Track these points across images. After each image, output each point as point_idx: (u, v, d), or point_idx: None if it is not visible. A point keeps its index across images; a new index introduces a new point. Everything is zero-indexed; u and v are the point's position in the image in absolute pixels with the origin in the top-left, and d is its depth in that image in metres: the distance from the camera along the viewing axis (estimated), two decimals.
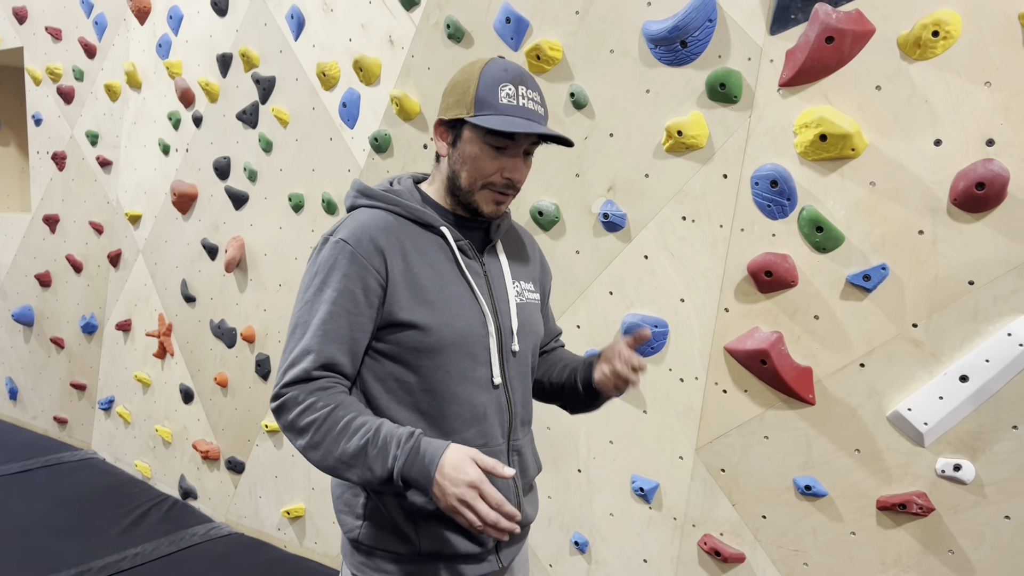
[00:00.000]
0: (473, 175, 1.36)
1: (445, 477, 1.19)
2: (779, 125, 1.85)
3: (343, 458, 1.25)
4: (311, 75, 2.88)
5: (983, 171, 1.59)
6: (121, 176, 3.92)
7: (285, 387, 1.30)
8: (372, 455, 1.23)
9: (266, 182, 3.16)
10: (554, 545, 2.48)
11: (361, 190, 1.45)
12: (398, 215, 1.40)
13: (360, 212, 1.40)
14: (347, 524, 1.43)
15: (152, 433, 3.95)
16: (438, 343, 1.34)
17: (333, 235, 1.36)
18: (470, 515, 1.18)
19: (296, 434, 1.29)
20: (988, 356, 1.66)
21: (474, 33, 2.37)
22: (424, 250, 1.38)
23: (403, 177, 1.50)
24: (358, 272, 1.31)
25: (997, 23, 1.56)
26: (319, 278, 1.33)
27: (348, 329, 1.31)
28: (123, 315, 4.03)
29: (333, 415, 1.27)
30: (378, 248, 1.33)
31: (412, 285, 1.34)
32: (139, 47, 3.68)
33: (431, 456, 1.21)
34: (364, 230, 1.34)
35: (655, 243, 2.09)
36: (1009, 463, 1.68)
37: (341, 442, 1.25)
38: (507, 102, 1.34)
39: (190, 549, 3.23)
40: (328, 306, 1.31)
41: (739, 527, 2.08)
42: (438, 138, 1.40)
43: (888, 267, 1.75)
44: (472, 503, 1.17)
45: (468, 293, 1.39)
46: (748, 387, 2.00)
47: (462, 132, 1.35)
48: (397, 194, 1.42)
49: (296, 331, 1.33)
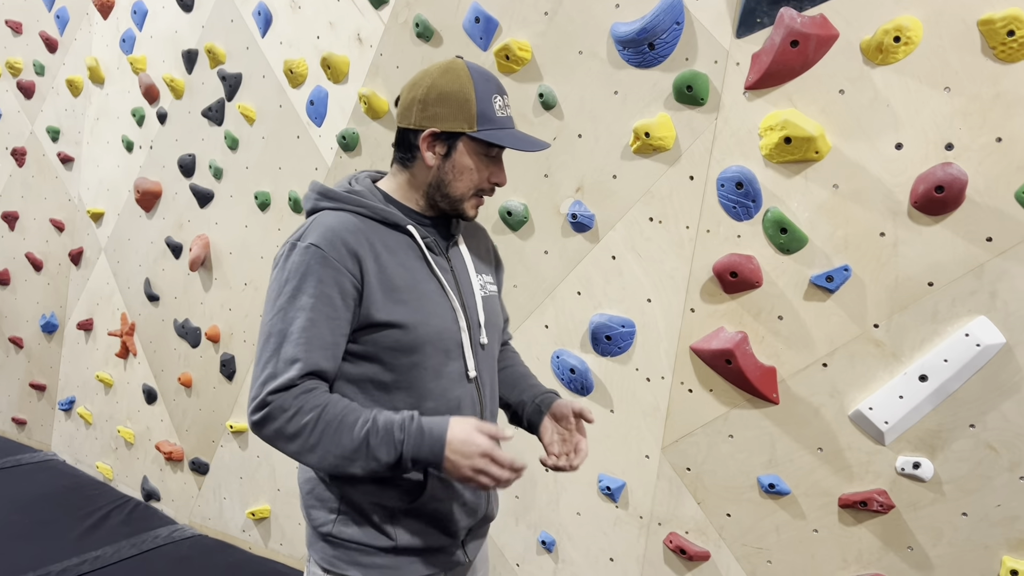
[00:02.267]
0: (469, 184, 1.40)
1: (455, 452, 1.24)
2: (745, 128, 1.87)
3: (345, 453, 1.26)
4: (278, 72, 2.86)
5: (942, 174, 1.63)
6: (83, 173, 3.86)
7: (270, 395, 1.28)
8: (375, 444, 1.25)
9: (232, 180, 3.12)
10: (521, 544, 2.48)
11: (322, 192, 1.43)
12: (363, 216, 1.39)
13: (324, 215, 1.38)
14: (319, 518, 1.43)
15: (114, 434, 3.89)
16: (415, 341, 1.35)
17: (301, 240, 1.34)
18: (486, 480, 1.25)
19: (287, 440, 1.29)
20: (947, 356, 1.69)
21: (443, 32, 2.36)
22: (394, 249, 1.38)
23: (360, 176, 1.50)
24: (333, 276, 1.31)
25: (956, 29, 1.60)
26: (291, 285, 1.31)
27: (330, 335, 1.31)
28: (84, 314, 3.96)
29: (326, 414, 1.27)
30: (350, 251, 1.32)
31: (386, 285, 1.34)
32: (102, 42, 3.62)
33: (438, 434, 1.25)
34: (334, 233, 1.33)
35: (623, 244, 2.11)
36: (966, 461, 1.72)
37: (340, 438, 1.27)
38: (501, 115, 1.40)
39: (153, 551, 3.18)
40: (307, 313, 1.29)
41: (704, 525, 2.10)
42: (427, 148, 1.38)
43: (850, 268, 1.78)
44: (487, 469, 1.24)
45: (439, 290, 1.41)
46: (713, 386, 2.02)
47: (457, 144, 1.37)
48: (359, 195, 1.42)
49: (271, 340, 1.31)
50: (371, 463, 1.26)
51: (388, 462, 1.26)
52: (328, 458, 1.27)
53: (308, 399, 1.28)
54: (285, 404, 1.27)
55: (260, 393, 1.29)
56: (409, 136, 1.41)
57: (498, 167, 1.44)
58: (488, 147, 1.40)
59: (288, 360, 1.29)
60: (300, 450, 1.29)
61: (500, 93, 1.41)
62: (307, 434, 1.27)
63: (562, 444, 1.55)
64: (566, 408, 1.54)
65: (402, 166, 1.44)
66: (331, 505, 1.42)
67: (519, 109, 2.22)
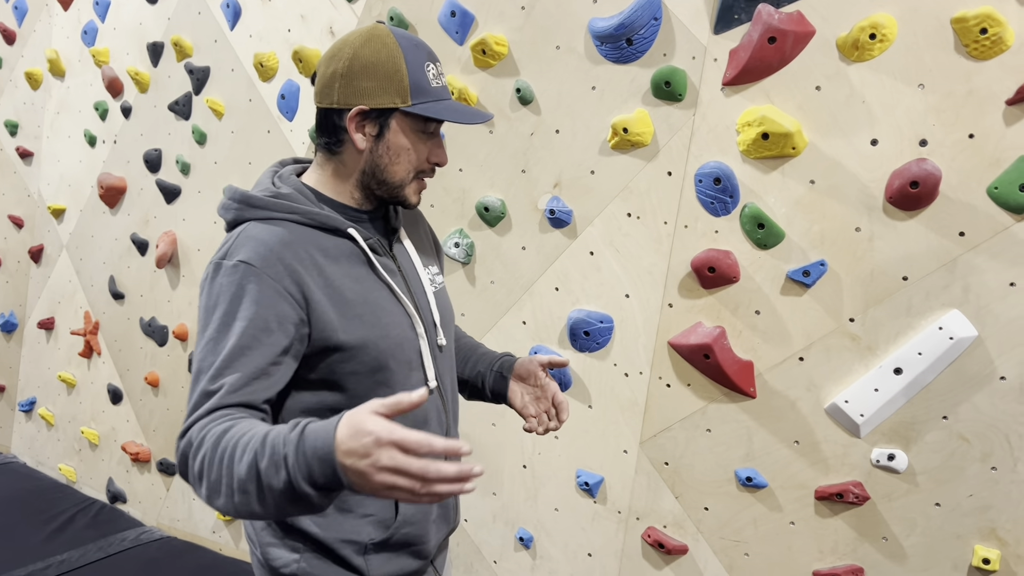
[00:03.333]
0: (408, 167, 1.26)
1: (350, 454, 0.89)
2: (722, 123, 1.88)
3: (241, 486, 0.97)
4: (248, 66, 2.81)
5: (917, 170, 1.65)
6: (43, 168, 3.76)
7: (181, 438, 1.07)
8: (265, 469, 0.95)
9: (200, 175, 3.07)
10: (498, 541, 2.48)
11: (245, 199, 1.24)
12: (297, 223, 1.22)
13: (251, 227, 1.20)
14: (280, 558, 1.28)
15: (77, 435, 3.80)
16: (379, 358, 1.23)
17: (227, 258, 1.16)
18: (404, 482, 0.87)
19: (197, 482, 1.04)
20: (921, 349, 1.72)
21: (418, 26, 2.34)
22: (336, 258, 1.23)
23: (284, 173, 1.32)
24: (269, 298, 1.13)
25: (930, 27, 1.62)
26: (221, 310, 1.13)
27: (262, 361, 1.12)
28: (45, 313, 3.87)
29: (221, 443, 1.01)
30: (288, 267, 1.16)
31: (338, 302, 1.20)
32: (63, 33, 3.53)
33: (324, 438, 0.91)
34: (267, 248, 1.16)
35: (601, 239, 2.11)
36: (939, 452, 1.75)
37: (233, 467, 0.98)
38: (436, 85, 1.24)
39: (120, 554, 3.13)
40: (237, 339, 1.11)
41: (682, 519, 2.11)
42: (355, 130, 1.22)
43: (826, 263, 1.80)
44: (396, 465, 0.87)
45: (390, 297, 1.28)
46: (691, 381, 2.03)
47: (389, 122, 1.22)
48: (288, 198, 1.24)
49: (200, 376, 1.12)
50: (268, 495, 0.95)
51: (283, 489, 0.94)
52: (233, 497, 0.98)
53: (212, 428, 1.04)
54: (193, 438, 1.05)
55: (179, 435, 1.09)
56: (332, 117, 1.23)
57: (437, 144, 1.28)
58: (425, 123, 1.24)
59: (207, 393, 1.09)
60: (208, 493, 1.01)
61: (432, 60, 1.25)
62: (208, 470, 1.01)
63: (536, 403, 1.44)
64: (531, 365, 1.43)
65: (328, 153, 1.27)
66: (294, 543, 1.28)
67: (496, 104, 2.22)
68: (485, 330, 2.37)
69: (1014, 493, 1.69)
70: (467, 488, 0.89)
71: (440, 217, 2.40)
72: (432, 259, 1.47)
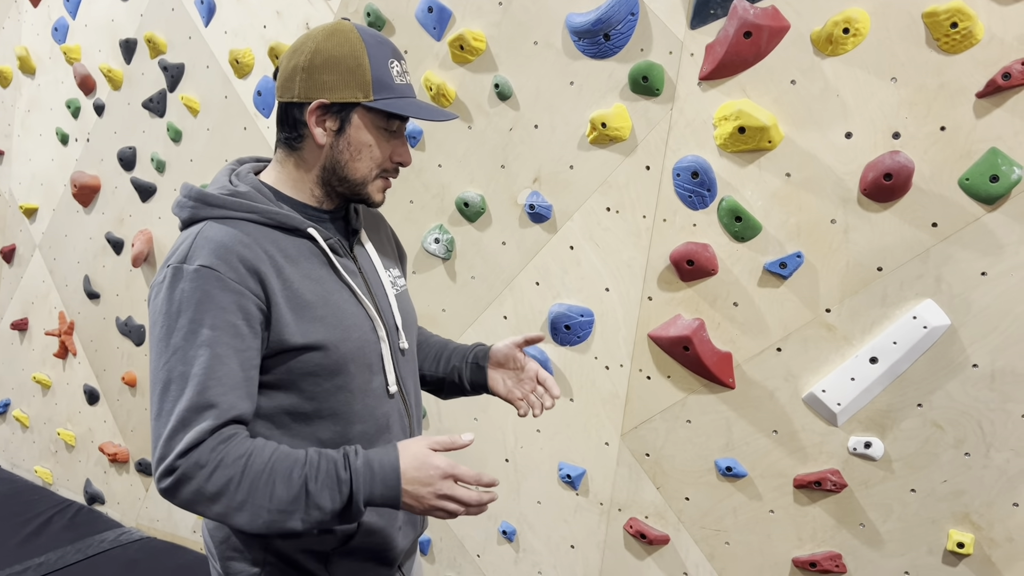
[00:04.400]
0: (369, 164, 1.24)
1: (413, 482, 1.08)
2: (699, 118, 1.90)
3: (282, 507, 1.07)
4: (223, 62, 2.79)
5: (890, 162, 1.68)
6: (14, 167, 3.71)
7: (182, 455, 1.07)
8: (316, 490, 1.07)
9: (175, 173, 3.04)
10: (481, 535, 2.49)
11: (201, 198, 1.21)
12: (255, 223, 1.20)
13: (208, 228, 1.17)
14: (241, 572, 1.28)
15: (53, 437, 3.76)
16: (338, 361, 1.21)
17: (186, 262, 1.13)
18: (454, 507, 1.09)
19: (209, 502, 1.08)
20: (896, 338, 1.75)
21: (395, 22, 2.34)
22: (295, 259, 1.21)
23: (242, 171, 1.30)
24: (234, 300, 1.12)
25: (902, 21, 1.65)
26: (186, 318, 1.11)
27: (241, 370, 1.12)
28: (19, 313, 3.82)
29: (252, 463, 1.08)
30: (250, 268, 1.14)
31: (295, 303, 1.18)
32: (32, 30, 3.48)
33: (390, 467, 1.09)
34: (226, 250, 1.14)
35: (580, 234, 2.12)
36: (914, 439, 1.78)
37: (273, 490, 1.07)
38: (400, 82, 1.23)
39: (99, 556, 3.10)
40: (211, 349, 1.10)
41: (663, 509, 2.14)
42: (316, 124, 1.20)
43: (803, 255, 1.83)
44: (453, 494, 1.09)
45: (352, 299, 1.26)
46: (671, 373, 2.05)
47: (351, 117, 1.20)
48: (246, 196, 1.22)
49: (171, 388, 1.10)
50: (313, 513, 1.08)
51: (334, 509, 1.08)
52: (261, 515, 1.08)
53: (228, 450, 1.08)
54: (201, 460, 1.07)
55: (168, 453, 1.07)
56: (293, 111, 1.22)
57: (401, 143, 1.27)
58: (387, 119, 1.22)
59: (197, 408, 1.08)
60: (226, 511, 1.08)
61: (397, 58, 1.24)
62: (232, 491, 1.07)
63: (520, 386, 1.44)
64: (507, 349, 1.43)
65: (289, 149, 1.25)
66: (255, 555, 1.27)
67: (474, 100, 2.22)
68: (466, 325, 2.37)
69: (987, 478, 1.72)
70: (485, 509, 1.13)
71: (420, 213, 2.40)
72: (393, 262, 1.46)
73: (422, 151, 2.36)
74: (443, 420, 2.48)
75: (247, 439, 1.11)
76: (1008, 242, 1.62)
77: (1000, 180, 1.59)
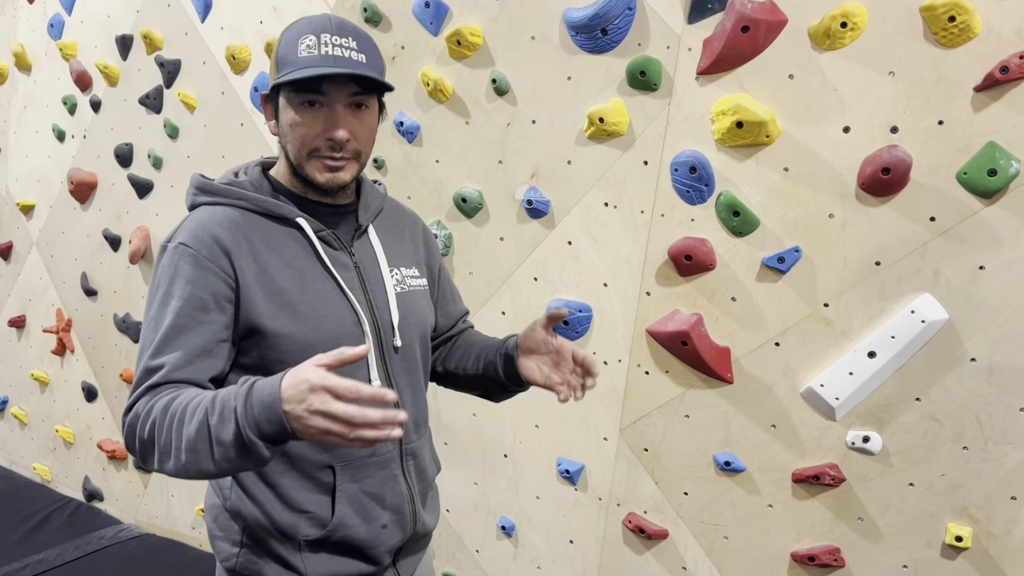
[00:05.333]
0: (296, 144, 1.23)
1: (290, 401, 0.96)
2: (697, 112, 1.90)
3: (190, 446, 1.04)
4: (220, 58, 2.78)
5: (888, 157, 1.68)
6: (11, 164, 3.70)
7: (127, 412, 1.13)
8: (216, 424, 1.02)
9: (172, 170, 3.03)
10: (480, 530, 2.49)
11: (200, 186, 1.30)
12: (245, 210, 1.26)
13: (199, 211, 1.26)
14: (223, 551, 1.32)
15: (52, 434, 3.76)
16: (305, 351, 1.18)
17: (171, 241, 1.22)
18: (331, 425, 0.94)
19: (147, 451, 1.10)
20: (893, 333, 1.75)
21: (392, 17, 2.33)
22: (279, 247, 1.25)
23: (250, 165, 1.36)
24: (203, 277, 1.17)
25: (900, 15, 1.64)
26: (161, 291, 1.19)
27: (201, 340, 1.16)
28: (16, 311, 3.81)
29: (171, 409, 1.08)
30: (223, 248, 1.20)
31: (269, 289, 1.21)
32: (28, 27, 3.47)
33: (270, 389, 0.99)
34: (204, 230, 1.21)
35: (578, 229, 2.12)
36: (912, 433, 1.79)
37: (183, 429, 1.05)
38: (307, 54, 1.20)
39: (98, 553, 3.10)
40: (174, 319, 1.15)
41: (662, 504, 2.14)
42: (267, 117, 1.29)
43: (801, 249, 1.83)
44: (326, 409, 0.94)
45: (335, 290, 1.27)
46: (669, 368, 2.05)
47: (278, 100, 1.25)
48: (240, 186, 1.29)
49: (142, 355, 1.17)
50: (218, 450, 1.03)
51: (232, 442, 1.01)
52: (180, 458, 1.05)
53: (158, 400, 1.10)
54: (139, 410, 1.11)
55: (127, 412, 1.14)
56: None
57: (333, 118, 1.22)
58: (299, 92, 1.21)
59: (150, 370, 1.14)
60: (160, 459, 1.08)
61: (318, 33, 1.21)
62: (157, 437, 1.08)
63: (557, 370, 1.34)
64: (536, 334, 1.34)
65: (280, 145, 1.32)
66: (234, 537, 1.30)
67: (472, 95, 2.22)
68: None
69: (984, 472, 1.73)
70: (393, 435, 0.95)
71: (417, 208, 2.39)
72: (412, 262, 1.44)
73: (419, 147, 2.35)
74: (441, 416, 2.48)
75: (176, 388, 1.13)
76: (1006, 236, 1.63)
77: (998, 174, 1.59)
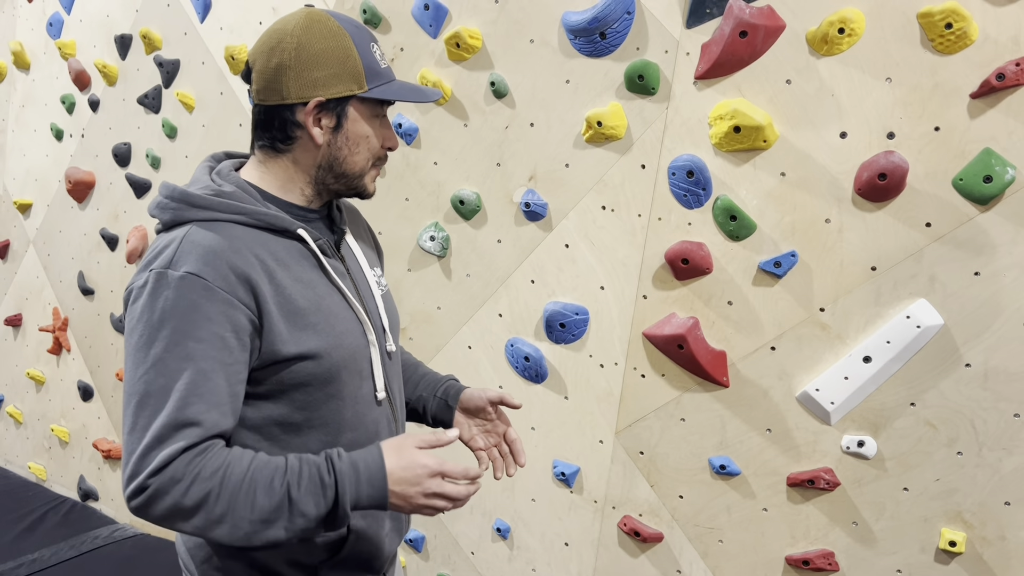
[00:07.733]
0: (367, 155, 1.20)
1: (401, 483, 1.06)
2: (695, 117, 1.90)
3: (264, 517, 1.03)
4: (219, 59, 2.79)
5: (885, 162, 1.68)
6: (8, 162, 3.69)
7: (155, 475, 1.02)
8: (299, 497, 1.04)
9: (171, 169, 3.03)
10: (476, 533, 2.49)
11: (185, 198, 1.14)
12: (244, 225, 1.14)
13: (195, 232, 1.10)
14: None
15: (47, 433, 3.75)
16: (330, 370, 1.17)
17: (171, 268, 1.06)
18: (443, 503, 1.08)
19: (187, 516, 1.03)
20: (889, 338, 1.76)
21: (391, 19, 2.34)
22: (286, 263, 1.16)
23: (223, 169, 1.22)
24: (223, 311, 1.06)
25: (897, 22, 1.65)
26: (169, 328, 1.04)
27: (227, 385, 1.07)
28: (12, 309, 3.81)
29: (231, 475, 1.04)
30: (240, 275, 1.08)
31: (287, 310, 1.13)
32: (27, 25, 3.47)
33: (376, 468, 1.06)
34: (215, 256, 1.08)
35: (576, 232, 2.12)
36: (907, 438, 1.79)
37: (254, 499, 1.03)
38: (384, 65, 1.19)
39: (93, 552, 3.09)
40: (197, 363, 1.04)
41: (657, 507, 2.14)
42: (313, 124, 1.15)
43: (797, 254, 1.83)
44: (442, 491, 1.07)
45: (342, 302, 1.22)
46: (665, 371, 2.06)
47: (347, 111, 1.16)
48: (232, 197, 1.15)
49: (148, 402, 1.04)
50: (298, 521, 1.04)
51: (319, 515, 1.04)
52: (242, 527, 1.03)
53: (205, 462, 1.04)
54: (177, 474, 1.02)
55: (140, 471, 1.02)
56: (284, 114, 1.15)
57: (388, 128, 1.24)
58: (380, 106, 1.20)
59: (176, 425, 1.03)
60: (205, 525, 1.04)
61: (375, 41, 1.20)
62: (211, 504, 1.03)
63: (486, 436, 1.40)
64: (479, 400, 1.37)
65: (275, 152, 1.19)
66: (238, 574, 1.23)
67: (470, 98, 2.22)
68: (461, 323, 2.37)
69: (979, 477, 1.73)
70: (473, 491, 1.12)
71: (415, 210, 2.40)
72: (375, 260, 1.41)
73: (418, 148, 2.36)
74: None
75: (223, 449, 1.07)
76: (1001, 242, 1.63)
77: (994, 180, 1.60)
